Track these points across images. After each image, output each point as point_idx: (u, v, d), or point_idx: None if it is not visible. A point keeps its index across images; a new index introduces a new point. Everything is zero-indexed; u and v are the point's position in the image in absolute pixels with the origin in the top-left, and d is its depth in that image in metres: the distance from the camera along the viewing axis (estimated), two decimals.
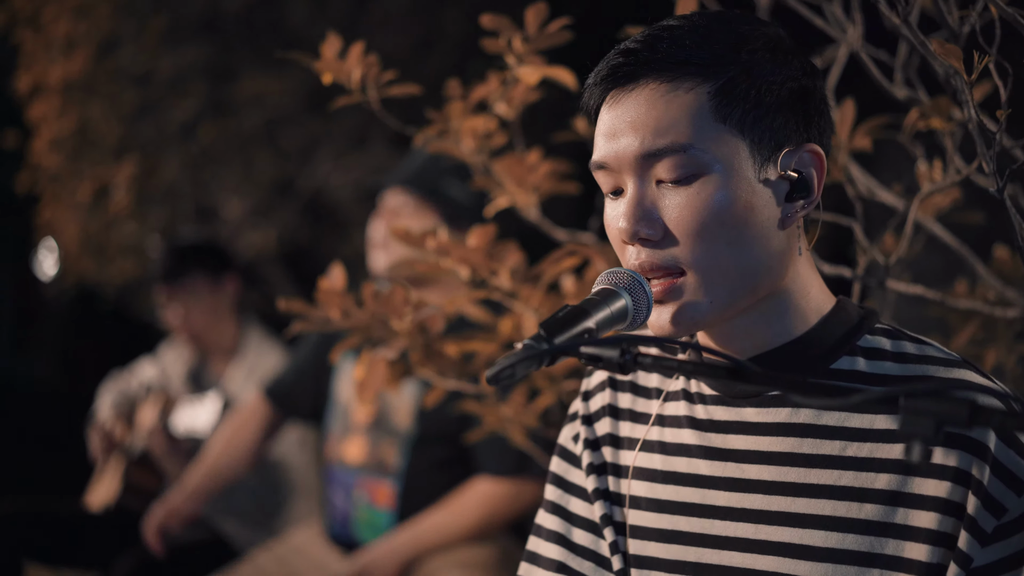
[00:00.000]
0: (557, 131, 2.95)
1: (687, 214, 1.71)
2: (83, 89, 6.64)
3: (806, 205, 1.77)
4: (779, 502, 1.78)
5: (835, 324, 1.81)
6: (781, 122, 1.73)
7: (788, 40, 1.79)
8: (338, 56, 2.63)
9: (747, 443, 1.83)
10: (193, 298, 5.32)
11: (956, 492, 1.65)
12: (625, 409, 2.02)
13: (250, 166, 6.82)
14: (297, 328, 2.85)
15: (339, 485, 4.15)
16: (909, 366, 1.76)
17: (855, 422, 1.75)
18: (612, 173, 1.78)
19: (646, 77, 1.73)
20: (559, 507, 2.06)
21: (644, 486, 1.94)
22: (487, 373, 1.54)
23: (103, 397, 5.53)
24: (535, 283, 2.65)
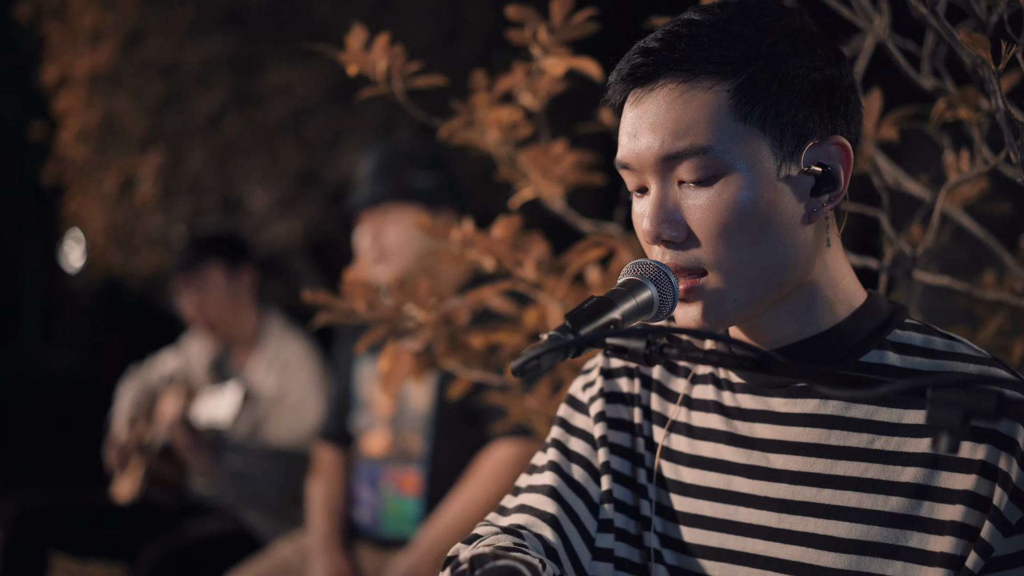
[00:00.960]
0: (582, 122, 2.95)
1: (709, 215, 1.70)
2: (109, 81, 6.66)
3: (832, 199, 1.75)
4: (804, 492, 1.78)
5: (865, 318, 1.81)
6: (804, 115, 1.72)
7: (814, 28, 1.78)
8: (363, 47, 2.63)
9: (774, 432, 1.82)
10: (208, 287, 5.35)
11: (983, 485, 1.64)
12: (656, 381, 2.01)
13: (275, 157, 6.84)
14: (322, 320, 2.85)
15: (367, 480, 4.16)
16: (939, 362, 1.75)
17: (883, 416, 1.75)
18: (635, 172, 1.78)
19: (665, 77, 1.72)
20: (560, 443, 2.05)
21: (669, 467, 1.94)
22: (512, 364, 1.54)
23: (122, 397, 5.56)
24: (560, 274, 2.65)
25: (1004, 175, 2.36)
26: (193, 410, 5.23)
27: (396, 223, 4.05)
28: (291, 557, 4.35)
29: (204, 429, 5.20)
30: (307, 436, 5.04)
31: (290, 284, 7.25)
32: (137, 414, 5.40)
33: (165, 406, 5.26)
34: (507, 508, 2.03)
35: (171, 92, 6.74)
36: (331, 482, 4.32)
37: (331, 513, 4.25)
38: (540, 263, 2.64)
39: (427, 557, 3.86)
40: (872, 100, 2.55)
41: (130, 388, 5.57)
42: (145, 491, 5.14)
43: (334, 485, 4.31)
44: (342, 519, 4.26)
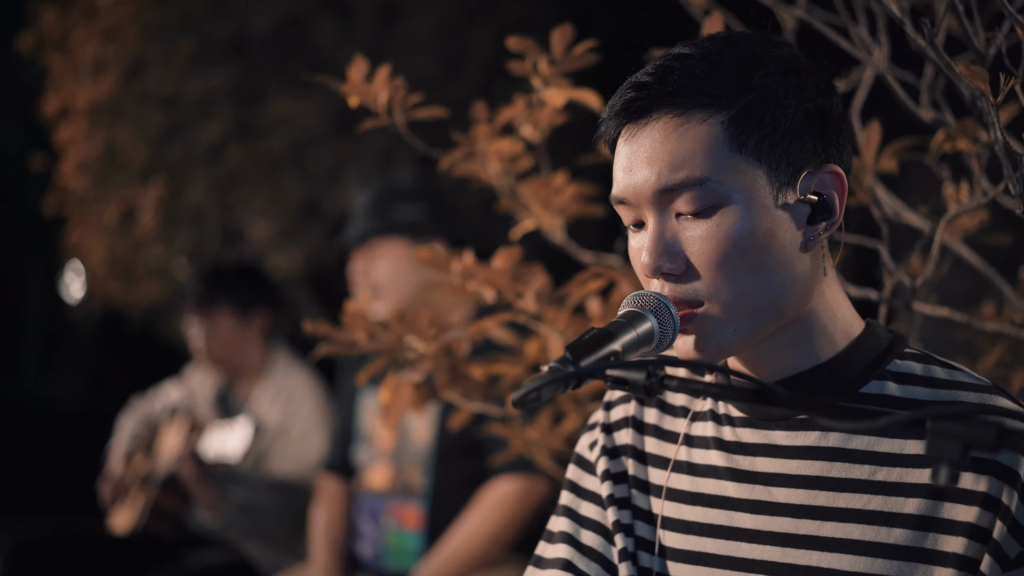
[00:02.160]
0: (583, 154, 2.95)
1: (708, 247, 1.71)
2: (110, 112, 6.67)
3: (829, 227, 1.76)
4: (807, 526, 1.78)
5: (865, 348, 1.81)
6: (798, 145, 1.72)
7: (803, 59, 1.79)
8: (365, 79, 2.63)
9: (775, 466, 1.82)
10: (216, 328, 5.34)
11: (984, 518, 1.64)
12: (651, 424, 2.01)
13: (277, 188, 6.84)
14: (323, 351, 2.85)
15: (368, 514, 4.16)
16: (939, 391, 1.75)
17: (885, 447, 1.74)
18: (632, 207, 1.78)
19: (658, 111, 1.73)
20: (570, 510, 2.05)
21: (672, 506, 1.94)
22: (513, 396, 1.54)
23: (122, 429, 5.55)
24: (561, 305, 2.65)
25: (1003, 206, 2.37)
26: (201, 443, 5.22)
27: (384, 257, 4.08)
28: None
29: (212, 463, 5.19)
30: (311, 468, 5.04)
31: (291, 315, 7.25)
32: (136, 447, 5.39)
33: (168, 438, 5.25)
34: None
35: (172, 123, 6.75)
36: (333, 513, 4.32)
37: (333, 544, 4.25)
38: (541, 294, 2.64)
39: None
40: (871, 132, 2.55)
41: (130, 419, 5.56)
42: (146, 522, 5.13)
43: (336, 516, 4.31)
44: (344, 550, 4.25)
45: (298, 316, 6.87)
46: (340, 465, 4.37)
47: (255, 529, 5.02)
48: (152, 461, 5.28)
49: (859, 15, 2.61)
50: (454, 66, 6.70)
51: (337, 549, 4.25)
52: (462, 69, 6.71)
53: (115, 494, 5.28)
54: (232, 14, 6.62)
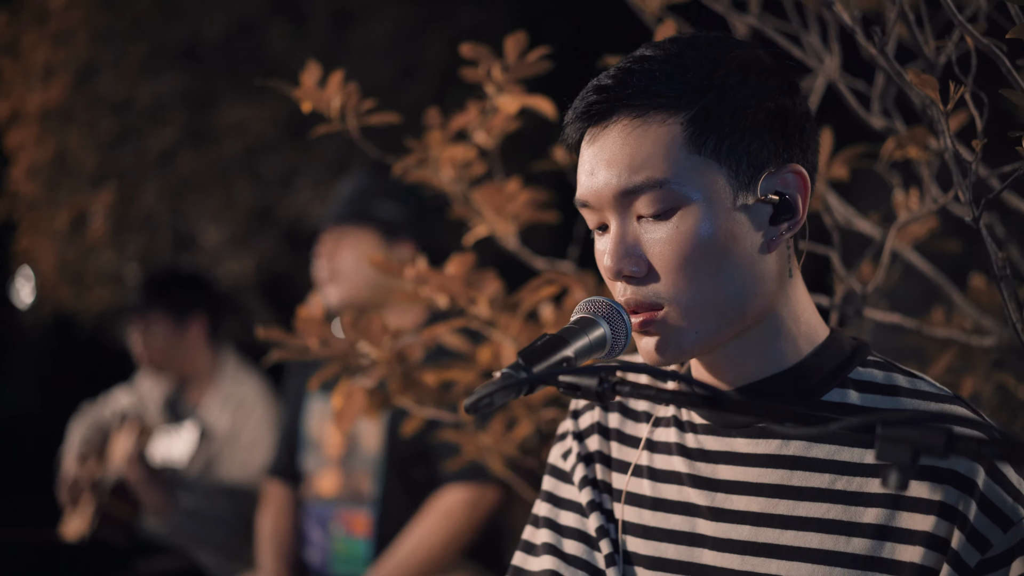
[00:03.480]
0: (536, 160, 2.95)
1: (668, 249, 1.71)
2: (61, 117, 6.61)
3: (791, 227, 1.76)
4: (767, 534, 1.78)
5: (827, 355, 1.81)
6: (758, 145, 1.73)
7: (766, 59, 1.79)
8: (318, 84, 2.63)
9: (736, 474, 1.82)
10: (150, 333, 5.34)
11: (941, 527, 1.65)
12: (614, 429, 2.01)
13: (229, 194, 6.81)
14: (275, 356, 2.84)
15: (316, 520, 4.15)
16: (900, 399, 1.76)
17: (845, 455, 1.75)
18: (595, 210, 1.78)
19: (619, 113, 1.73)
20: (551, 521, 2.04)
21: (633, 511, 1.94)
22: (466, 402, 1.54)
23: (73, 433, 5.51)
24: (514, 311, 2.65)
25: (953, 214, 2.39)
26: (149, 448, 5.19)
27: (351, 247, 4.07)
28: None
29: (159, 467, 5.16)
30: (260, 475, 5.01)
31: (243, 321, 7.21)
32: (88, 451, 5.35)
33: (118, 444, 5.22)
34: None
35: (124, 128, 6.70)
36: (280, 519, 4.30)
37: (280, 551, 4.23)
38: (494, 300, 2.64)
39: None
40: (823, 139, 2.57)
41: (81, 425, 5.52)
42: (96, 529, 5.09)
43: (283, 522, 4.29)
44: (291, 557, 4.23)
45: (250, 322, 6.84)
46: (286, 470, 4.35)
47: (204, 535, 4.99)
48: (103, 467, 5.24)
49: (811, 23, 2.63)
50: (407, 72, 6.68)
51: (285, 556, 4.23)
52: (415, 75, 6.69)
53: (72, 494, 5.24)
54: (184, 19, 6.59)
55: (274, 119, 6.52)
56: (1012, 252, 2.68)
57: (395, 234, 4.06)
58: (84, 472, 5.28)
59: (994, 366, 2.76)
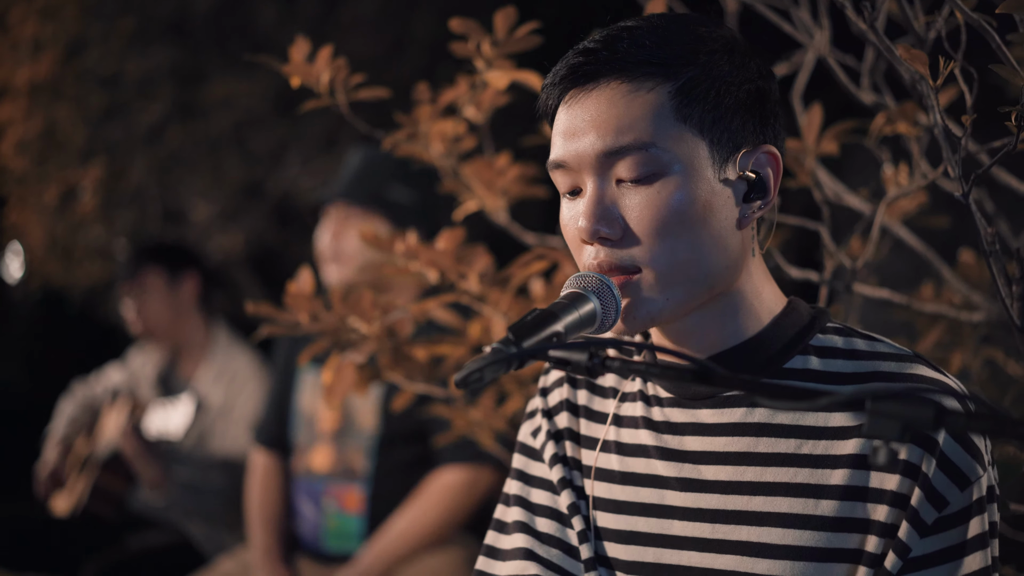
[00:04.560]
0: (526, 135, 2.95)
1: (647, 213, 1.71)
2: (50, 91, 6.60)
3: (763, 205, 1.78)
4: (736, 501, 1.80)
5: (787, 324, 1.83)
6: (739, 123, 1.75)
7: (743, 43, 1.81)
8: (307, 59, 2.62)
9: (703, 444, 1.84)
10: (147, 294, 5.34)
11: (904, 485, 1.67)
12: (582, 406, 2.03)
13: (218, 169, 6.80)
14: (265, 331, 2.84)
15: (308, 495, 4.14)
16: (860, 362, 1.78)
17: (809, 420, 1.77)
18: (571, 172, 1.79)
19: (607, 76, 1.74)
20: (521, 499, 2.05)
21: (602, 487, 1.95)
22: (456, 377, 1.54)
23: (61, 413, 5.51)
24: (504, 287, 2.65)
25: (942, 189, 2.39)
26: (144, 422, 5.19)
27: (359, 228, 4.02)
28: (234, 572, 4.32)
29: (155, 440, 5.16)
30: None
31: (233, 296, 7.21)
32: (74, 432, 5.35)
33: (109, 420, 5.22)
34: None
35: (113, 103, 6.69)
36: (268, 491, 4.29)
37: (270, 525, 4.23)
38: (484, 276, 2.64)
39: (368, 574, 3.86)
40: (813, 114, 2.57)
41: (69, 404, 5.52)
42: (88, 504, 5.10)
43: (271, 494, 4.28)
44: (282, 530, 4.23)
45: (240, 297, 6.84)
46: (275, 440, 4.34)
47: (198, 508, 5.00)
48: (93, 443, 5.24)
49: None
50: (397, 47, 6.67)
51: (276, 530, 4.22)
52: (405, 50, 6.68)
53: (50, 482, 5.24)
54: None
55: (263, 94, 6.52)
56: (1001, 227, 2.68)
57: (404, 220, 4.02)
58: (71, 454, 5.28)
59: (983, 341, 2.77)
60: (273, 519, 4.24)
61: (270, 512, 4.25)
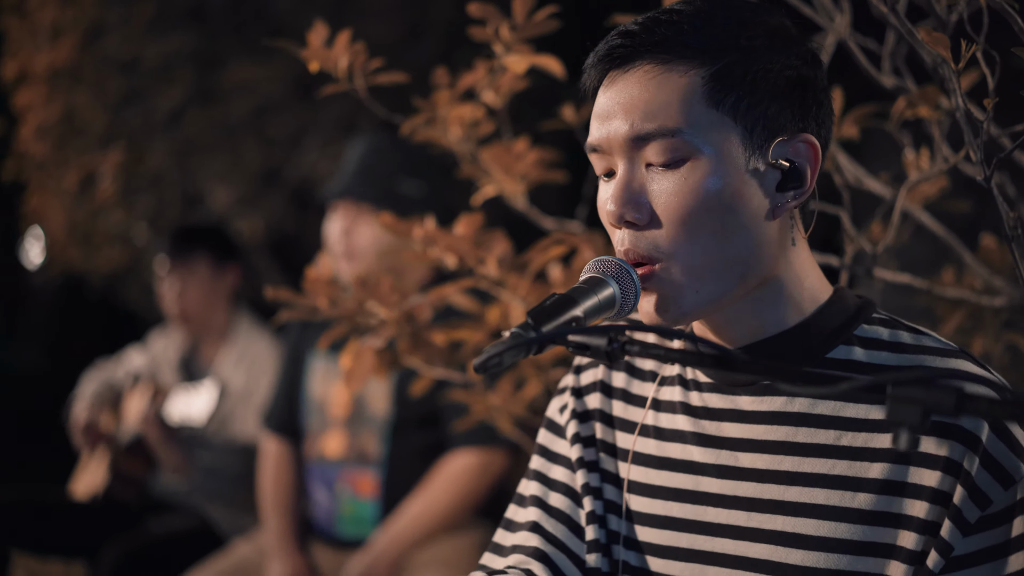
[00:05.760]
0: (545, 119, 2.95)
1: (674, 200, 1.70)
2: (69, 77, 6.61)
3: (797, 196, 1.75)
4: (772, 490, 1.78)
5: (832, 313, 1.81)
6: (776, 110, 1.72)
7: (792, 28, 1.79)
8: (325, 44, 2.62)
9: (741, 431, 1.83)
10: (193, 278, 5.34)
11: (945, 482, 1.65)
12: (619, 388, 2.02)
13: (237, 154, 6.81)
14: (284, 317, 2.85)
15: (321, 481, 4.15)
16: (905, 355, 1.76)
17: (850, 412, 1.75)
18: (604, 155, 1.78)
19: (642, 59, 1.73)
20: (541, 474, 2.06)
21: (639, 470, 1.94)
22: (475, 362, 1.54)
23: (85, 385, 5.52)
24: (522, 272, 2.65)
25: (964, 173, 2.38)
26: (166, 407, 5.20)
27: (370, 225, 4.00)
28: (250, 556, 4.33)
29: (177, 426, 5.17)
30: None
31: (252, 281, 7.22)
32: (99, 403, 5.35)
33: (131, 404, 5.23)
34: (503, 547, 2.05)
35: (132, 88, 6.70)
36: (281, 477, 4.30)
37: (284, 510, 4.24)
38: (502, 260, 2.64)
39: (383, 559, 3.87)
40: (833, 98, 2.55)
41: (93, 379, 5.53)
42: (109, 488, 5.11)
43: (284, 480, 4.30)
44: (296, 515, 4.25)
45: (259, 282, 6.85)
46: (286, 426, 4.35)
47: (218, 492, 5.01)
48: (115, 426, 5.26)
49: None
50: (415, 31, 6.66)
51: (290, 516, 4.24)
52: (423, 34, 6.67)
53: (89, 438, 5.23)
54: None
55: (282, 79, 6.51)
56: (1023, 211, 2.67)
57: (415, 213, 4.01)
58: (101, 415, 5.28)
59: (1004, 326, 2.76)
60: (287, 505, 4.25)
61: (283, 498, 4.26)
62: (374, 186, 4.04)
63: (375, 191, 4.03)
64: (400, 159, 4.07)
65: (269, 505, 4.27)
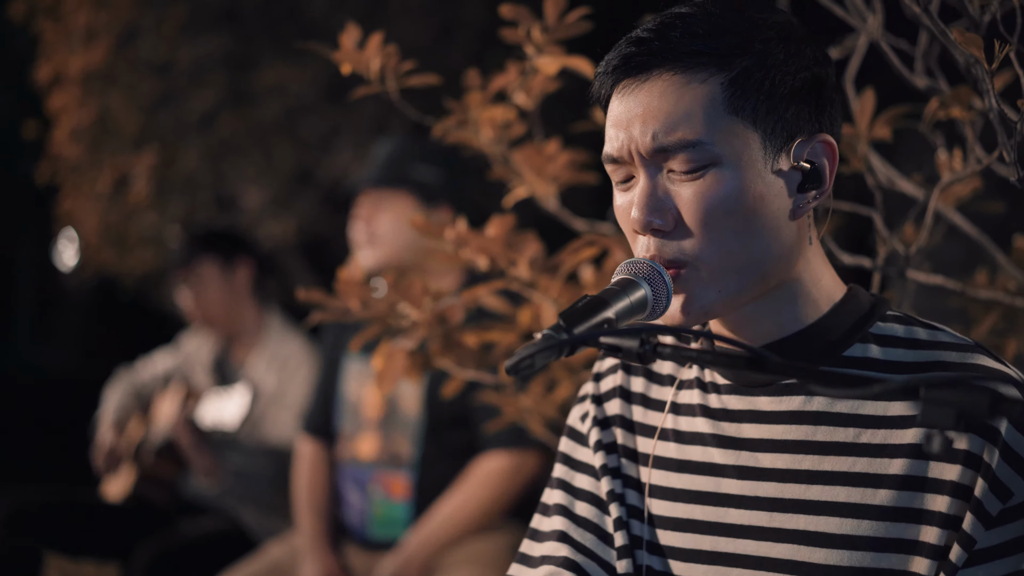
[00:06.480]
0: (576, 121, 2.94)
1: (699, 206, 1.71)
2: (103, 79, 6.65)
3: (818, 195, 1.76)
4: (793, 490, 1.79)
5: (847, 312, 1.81)
6: (794, 112, 1.73)
7: (800, 28, 1.79)
8: (357, 46, 2.63)
9: (760, 432, 1.83)
10: (203, 282, 5.37)
11: (966, 475, 1.65)
12: (638, 393, 2.02)
13: (269, 156, 6.83)
14: (316, 318, 2.85)
15: (354, 482, 4.16)
16: (922, 352, 1.76)
17: (868, 409, 1.75)
18: (624, 165, 1.78)
19: (659, 67, 1.73)
20: (564, 483, 2.06)
21: (659, 474, 1.95)
22: (506, 363, 1.54)
23: (109, 396, 5.55)
24: (554, 273, 2.65)
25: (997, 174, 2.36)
26: (198, 411, 5.22)
27: (389, 210, 4.05)
28: (282, 557, 4.34)
29: (209, 430, 5.19)
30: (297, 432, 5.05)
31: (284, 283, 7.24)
32: (124, 417, 5.39)
33: (163, 406, 5.25)
34: (531, 557, 2.05)
35: (165, 91, 6.73)
36: (316, 478, 4.31)
37: (318, 511, 4.25)
38: (534, 262, 2.64)
39: (415, 559, 3.87)
40: (865, 99, 2.55)
41: (115, 391, 5.55)
42: (140, 490, 5.14)
43: (319, 481, 4.30)
44: (329, 516, 4.25)
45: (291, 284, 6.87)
46: (321, 428, 4.36)
47: (250, 495, 5.02)
48: (147, 429, 5.28)
49: None
50: (447, 33, 6.67)
51: (324, 517, 4.24)
52: (455, 36, 6.68)
53: (108, 463, 5.28)
54: None
55: (314, 81, 6.54)
56: None
57: (432, 198, 4.05)
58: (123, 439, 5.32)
59: None
60: (321, 506, 4.26)
61: (318, 499, 4.27)
62: (390, 172, 4.09)
63: (390, 175, 4.09)
64: (415, 147, 4.14)
65: (303, 506, 4.28)
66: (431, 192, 4.04)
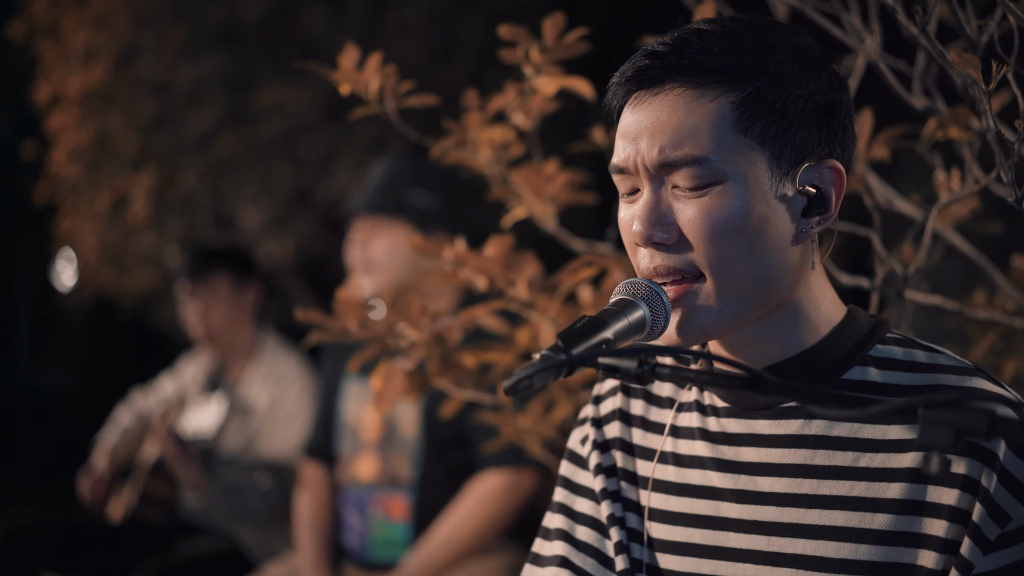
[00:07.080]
0: (574, 141, 2.95)
1: (702, 224, 1.70)
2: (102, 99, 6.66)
3: (822, 221, 1.76)
4: (792, 514, 1.78)
5: (846, 334, 1.81)
6: (804, 136, 1.72)
7: (817, 50, 1.78)
8: (356, 66, 2.63)
9: (759, 455, 1.82)
10: (214, 297, 5.37)
11: (964, 500, 1.65)
12: (637, 416, 2.01)
13: (268, 176, 6.84)
14: (315, 338, 2.85)
15: (353, 505, 4.16)
16: (921, 375, 1.76)
17: (867, 433, 1.75)
18: (630, 176, 1.78)
19: (672, 81, 1.73)
20: (565, 507, 2.05)
21: (659, 498, 1.94)
22: (505, 384, 1.54)
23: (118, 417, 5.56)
24: (552, 293, 2.65)
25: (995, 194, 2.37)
26: (180, 422, 5.23)
27: (384, 236, 4.06)
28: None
29: (190, 440, 5.19)
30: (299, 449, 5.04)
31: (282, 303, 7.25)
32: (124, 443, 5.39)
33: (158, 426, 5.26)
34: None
35: (164, 111, 6.75)
36: (317, 501, 4.31)
37: (318, 533, 4.24)
38: (532, 282, 2.64)
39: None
40: (864, 119, 2.55)
41: (125, 413, 5.57)
42: (138, 509, 5.13)
43: (320, 504, 4.30)
44: (330, 539, 4.25)
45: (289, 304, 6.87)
46: (323, 451, 4.36)
47: (244, 511, 5.01)
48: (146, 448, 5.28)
49: (851, 2, 2.61)
50: (445, 54, 6.69)
51: (324, 540, 4.24)
52: (453, 57, 6.70)
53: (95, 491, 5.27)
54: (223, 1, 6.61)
55: (312, 101, 6.55)
56: None
57: (428, 224, 4.04)
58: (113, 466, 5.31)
59: None
60: (322, 529, 4.26)
61: (320, 523, 4.27)
62: (386, 199, 4.08)
63: (387, 203, 4.08)
64: (411, 172, 4.13)
65: (304, 528, 4.27)
66: (427, 218, 4.04)
